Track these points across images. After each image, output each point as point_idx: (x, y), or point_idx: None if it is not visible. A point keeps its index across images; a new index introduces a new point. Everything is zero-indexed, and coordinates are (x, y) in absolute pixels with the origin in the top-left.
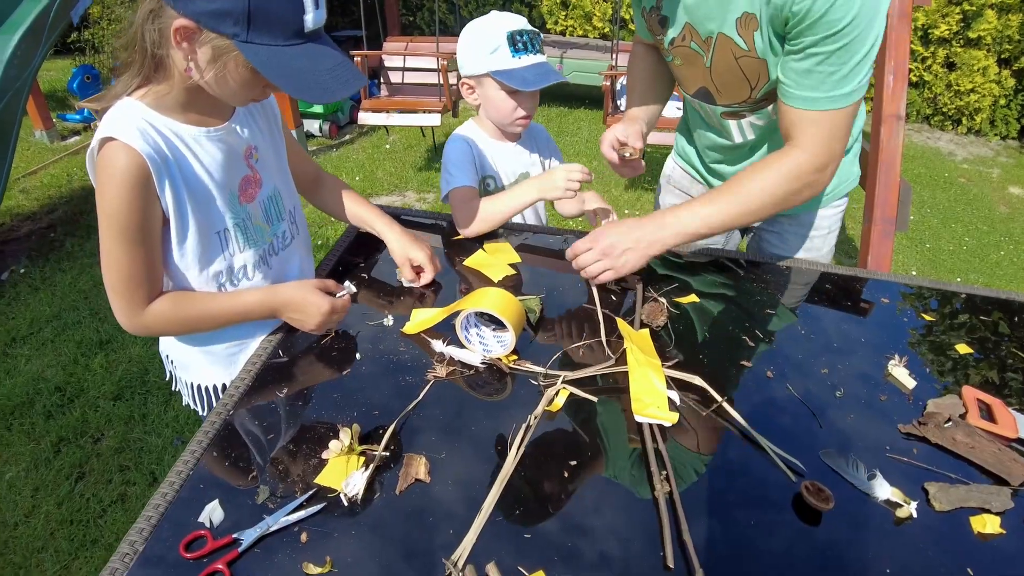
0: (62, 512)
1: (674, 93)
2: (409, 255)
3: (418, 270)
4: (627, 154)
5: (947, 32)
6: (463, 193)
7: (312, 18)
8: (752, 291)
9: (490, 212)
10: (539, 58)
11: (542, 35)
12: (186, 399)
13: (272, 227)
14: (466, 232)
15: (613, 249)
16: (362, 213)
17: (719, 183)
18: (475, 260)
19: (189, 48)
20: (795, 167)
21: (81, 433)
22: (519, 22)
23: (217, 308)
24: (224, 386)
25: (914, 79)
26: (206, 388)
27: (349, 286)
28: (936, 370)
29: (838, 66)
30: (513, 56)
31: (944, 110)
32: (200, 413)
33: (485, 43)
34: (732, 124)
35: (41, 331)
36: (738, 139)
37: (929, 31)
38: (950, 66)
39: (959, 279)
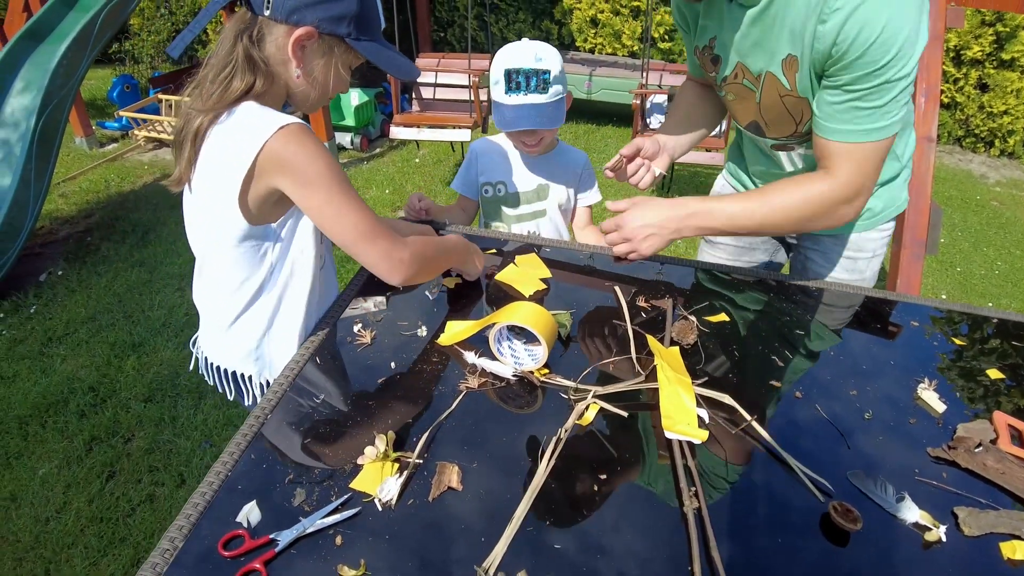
0: (92, 509)
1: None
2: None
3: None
4: (615, 163)
5: (980, 53)
6: (458, 200)
7: (383, 18)
8: (782, 311)
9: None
10: (530, 98)
11: (551, 73)
12: (210, 380)
13: None
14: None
15: (637, 233)
16: None
17: None
18: (506, 275)
19: (302, 56)
20: (819, 193)
21: (113, 433)
22: (522, 59)
23: (440, 241)
24: (250, 377)
25: (946, 100)
26: (233, 374)
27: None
28: (966, 395)
29: (874, 102)
30: (505, 93)
31: (976, 132)
32: (228, 397)
33: (493, 73)
34: (783, 155)
35: (76, 332)
36: (788, 168)
37: (961, 52)
38: (983, 87)
39: (991, 304)
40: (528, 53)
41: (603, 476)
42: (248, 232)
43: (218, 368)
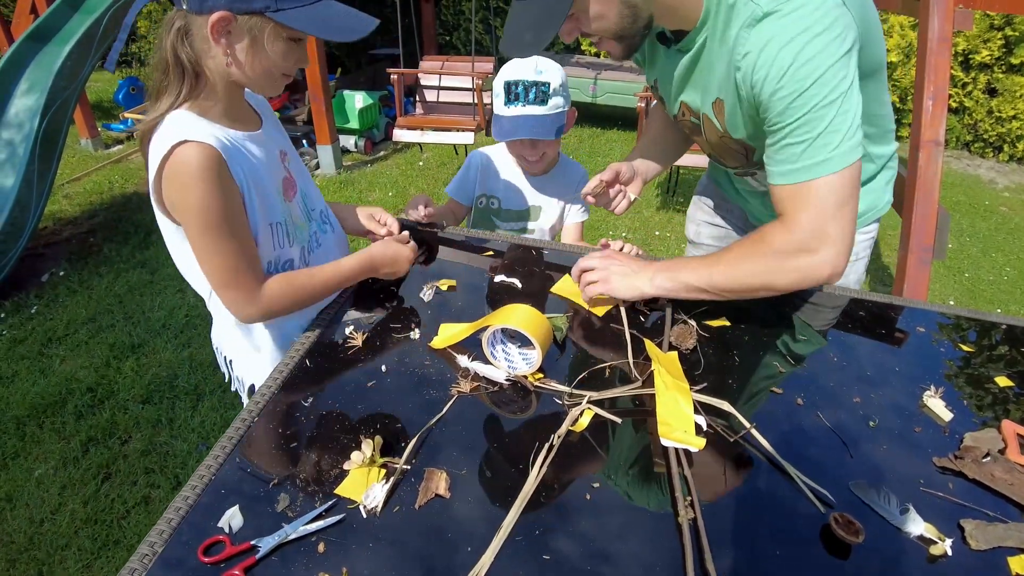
0: (87, 511)
1: None
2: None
3: (383, 221)
4: (594, 188)
5: (988, 58)
6: (448, 203)
7: None
8: (784, 316)
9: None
10: (528, 109)
11: (551, 85)
12: (245, 399)
13: (309, 225)
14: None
15: (610, 271)
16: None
17: (749, 203)
18: (562, 287)
19: (226, 42)
20: (773, 247)
21: (109, 434)
22: (523, 72)
23: (323, 276)
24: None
25: (954, 105)
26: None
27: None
28: (974, 403)
29: (805, 135)
30: (504, 105)
31: (985, 137)
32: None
33: (495, 87)
34: (749, 179)
35: (76, 333)
36: (760, 188)
37: (970, 56)
38: (991, 92)
39: (999, 310)
40: (528, 66)
41: (596, 484)
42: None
43: (230, 361)
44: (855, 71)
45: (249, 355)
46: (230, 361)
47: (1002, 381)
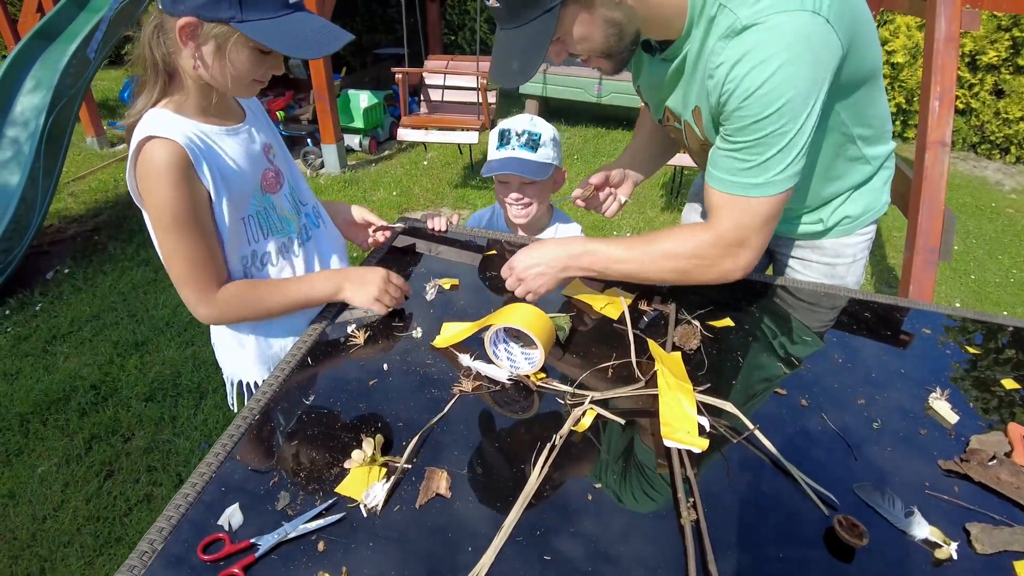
0: (89, 508)
1: None
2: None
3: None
4: (583, 192)
5: (996, 59)
6: None
7: None
8: (789, 317)
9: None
10: (517, 152)
11: (542, 136)
12: (230, 394)
13: (298, 218)
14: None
15: (527, 272)
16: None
17: None
18: (573, 290)
19: (194, 46)
20: (697, 244)
21: (112, 432)
22: (517, 122)
23: (285, 288)
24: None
25: (961, 106)
26: (246, 384)
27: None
28: (980, 406)
29: (752, 157)
30: (496, 149)
31: (992, 138)
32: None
33: (491, 137)
34: None
35: (80, 330)
36: None
37: (977, 57)
38: (998, 93)
39: (1005, 312)
40: (524, 118)
41: (598, 485)
42: None
43: (218, 356)
44: (821, 98)
45: (234, 351)
46: (218, 356)
47: (1008, 384)
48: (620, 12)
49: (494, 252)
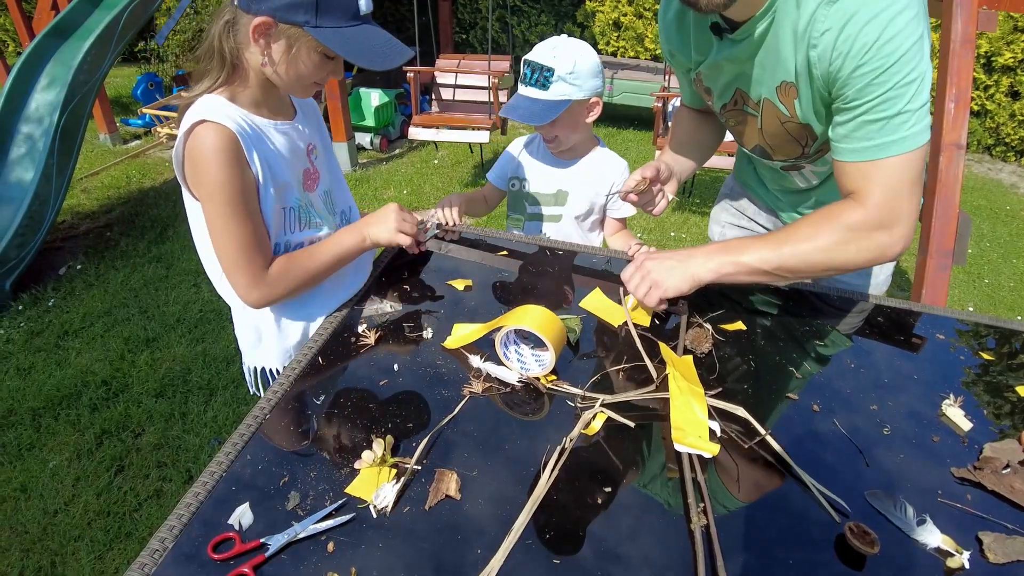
0: (100, 503)
1: None
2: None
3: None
4: (636, 185)
5: (1012, 60)
6: (485, 187)
7: (364, 3)
8: (801, 321)
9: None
10: (527, 91)
11: (555, 72)
12: (249, 380)
13: (333, 218)
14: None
15: (651, 273)
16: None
17: (780, 202)
18: (591, 303)
19: (265, 44)
20: (848, 222)
21: (123, 427)
22: (539, 53)
23: (318, 252)
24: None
25: (976, 108)
26: (267, 371)
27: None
28: (993, 412)
29: (883, 113)
30: (522, 84)
31: (1007, 140)
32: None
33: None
34: (794, 175)
35: (92, 326)
36: (802, 184)
37: (992, 59)
38: (1014, 95)
39: (1020, 317)
40: (547, 47)
41: (608, 489)
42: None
43: (239, 343)
44: (929, 51)
45: (251, 336)
46: (239, 343)
47: (1023, 390)
48: None
49: (505, 252)
